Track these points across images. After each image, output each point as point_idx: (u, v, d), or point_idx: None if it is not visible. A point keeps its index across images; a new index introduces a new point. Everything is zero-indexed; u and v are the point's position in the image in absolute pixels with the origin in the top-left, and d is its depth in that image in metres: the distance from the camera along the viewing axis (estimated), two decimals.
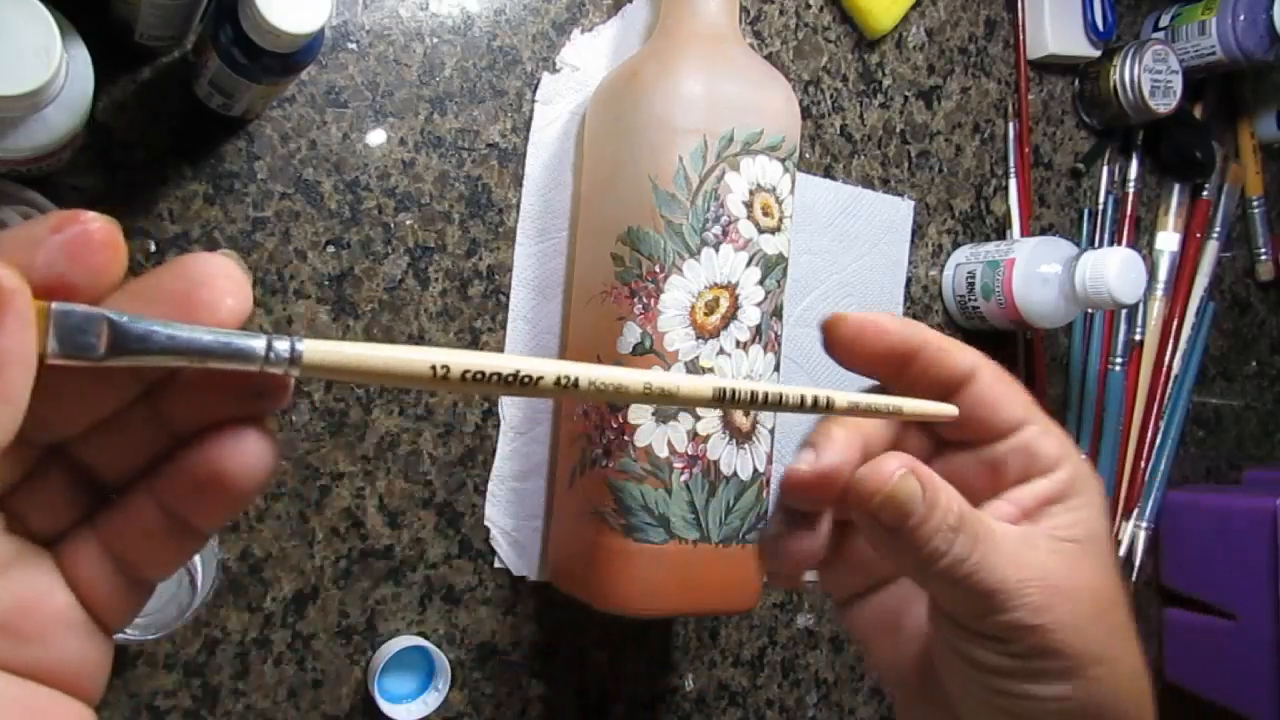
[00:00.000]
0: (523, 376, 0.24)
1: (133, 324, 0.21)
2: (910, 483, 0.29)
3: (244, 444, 0.23)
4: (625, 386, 0.26)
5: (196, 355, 0.22)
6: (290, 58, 0.45)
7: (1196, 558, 0.82)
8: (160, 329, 0.21)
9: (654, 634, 0.64)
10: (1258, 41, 0.77)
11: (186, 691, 0.52)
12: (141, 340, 0.21)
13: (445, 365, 0.23)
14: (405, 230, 0.57)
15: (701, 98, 0.53)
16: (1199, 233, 0.86)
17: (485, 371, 0.24)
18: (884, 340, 0.30)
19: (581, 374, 0.25)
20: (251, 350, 0.22)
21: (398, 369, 0.23)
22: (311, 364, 0.22)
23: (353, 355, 0.23)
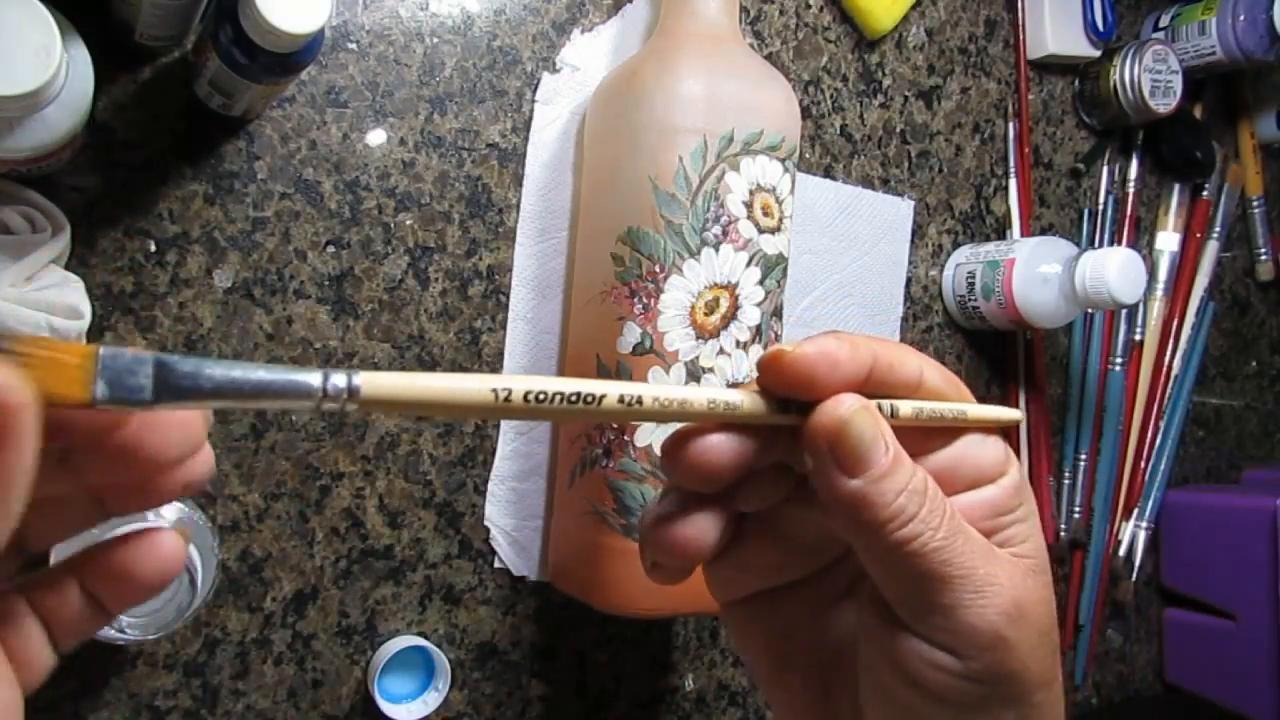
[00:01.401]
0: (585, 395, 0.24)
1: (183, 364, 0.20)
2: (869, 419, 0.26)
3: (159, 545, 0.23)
4: (690, 402, 0.25)
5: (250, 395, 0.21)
6: (290, 58, 0.45)
7: (1196, 558, 0.82)
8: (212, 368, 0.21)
9: (654, 634, 0.65)
10: (1258, 41, 0.77)
11: (186, 691, 0.52)
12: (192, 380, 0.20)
13: (507, 389, 0.23)
14: (405, 230, 0.57)
15: (701, 98, 0.53)
16: (1199, 233, 0.86)
17: (548, 392, 0.23)
18: (838, 373, 0.27)
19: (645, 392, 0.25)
20: (307, 387, 0.21)
21: (459, 398, 0.22)
22: (369, 398, 0.22)
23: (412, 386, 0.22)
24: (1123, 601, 0.83)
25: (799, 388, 0.27)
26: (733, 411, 0.26)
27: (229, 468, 0.53)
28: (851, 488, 0.26)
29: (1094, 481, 0.81)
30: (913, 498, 0.26)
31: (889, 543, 0.26)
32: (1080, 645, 0.82)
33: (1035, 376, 0.78)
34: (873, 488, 0.26)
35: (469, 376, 0.23)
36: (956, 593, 0.26)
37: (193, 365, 0.20)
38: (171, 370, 0.20)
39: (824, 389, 0.27)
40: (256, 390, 0.21)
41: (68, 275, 0.46)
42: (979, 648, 0.27)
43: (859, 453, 0.26)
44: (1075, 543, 0.81)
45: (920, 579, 0.27)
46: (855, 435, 0.26)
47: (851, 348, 0.27)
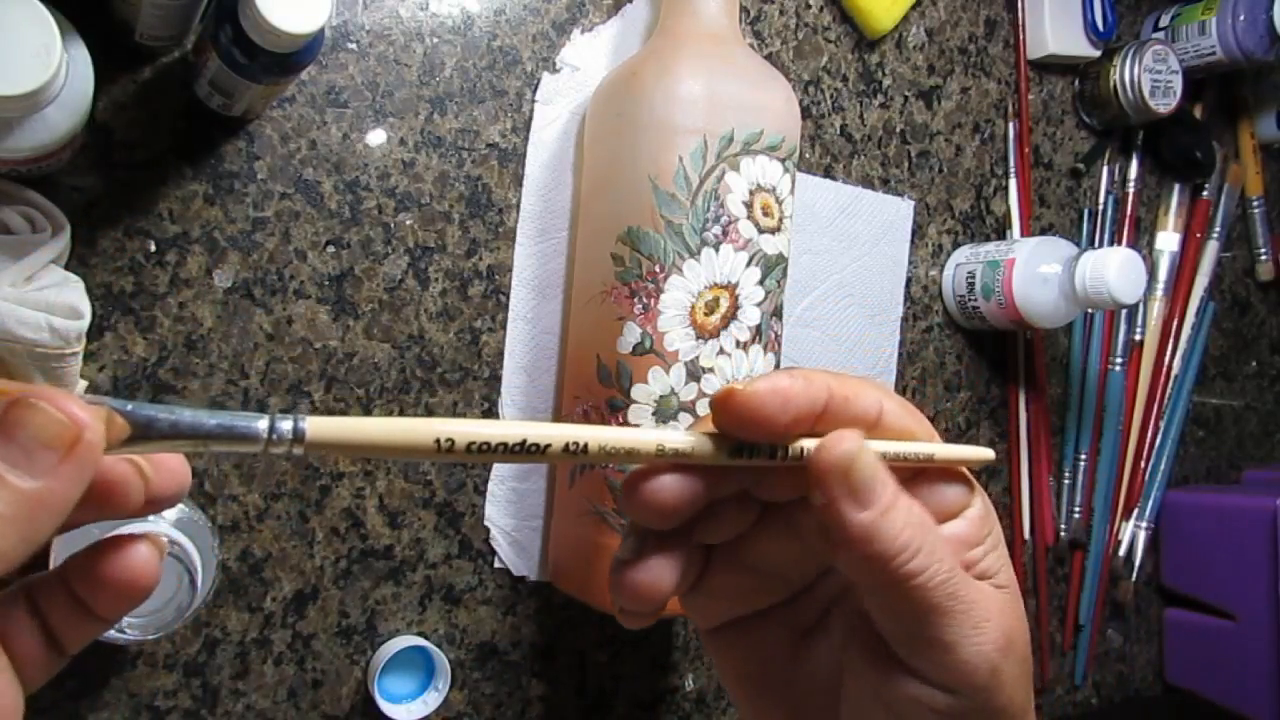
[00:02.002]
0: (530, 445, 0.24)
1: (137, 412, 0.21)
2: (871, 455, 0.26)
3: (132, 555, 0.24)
4: (638, 448, 0.25)
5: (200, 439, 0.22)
6: (290, 58, 0.45)
7: (1196, 558, 0.82)
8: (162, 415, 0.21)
9: (654, 634, 0.65)
10: (1258, 41, 0.77)
11: (186, 691, 0.52)
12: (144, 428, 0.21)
13: (450, 438, 0.23)
14: (405, 230, 0.57)
15: (701, 98, 0.53)
16: (1199, 233, 0.86)
17: (491, 442, 0.23)
18: (790, 410, 0.26)
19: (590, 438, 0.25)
20: (255, 432, 0.22)
21: (401, 442, 0.23)
22: (315, 441, 0.23)
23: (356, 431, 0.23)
24: (1123, 601, 0.83)
25: (752, 426, 0.26)
26: (683, 456, 0.26)
27: (229, 468, 0.53)
28: (863, 520, 0.26)
29: (1094, 481, 0.81)
30: (917, 531, 0.27)
31: (898, 575, 0.26)
32: (1080, 645, 0.82)
33: (1035, 376, 0.78)
34: (882, 520, 0.26)
35: (416, 422, 0.23)
36: (959, 628, 0.27)
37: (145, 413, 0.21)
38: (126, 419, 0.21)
39: (776, 427, 0.26)
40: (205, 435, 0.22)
41: (68, 275, 0.46)
42: (974, 686, 0.27)
43: (868, 486, 0.26)
44: (1075, 543, 0.81)
45: (924, 613, 0.27)
46: (865, 466, 0.26)
47: (805, 384, 0.27)
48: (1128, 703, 0.85)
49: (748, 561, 0.30)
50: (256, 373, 0.53)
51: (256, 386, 0.53)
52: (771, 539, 0.30)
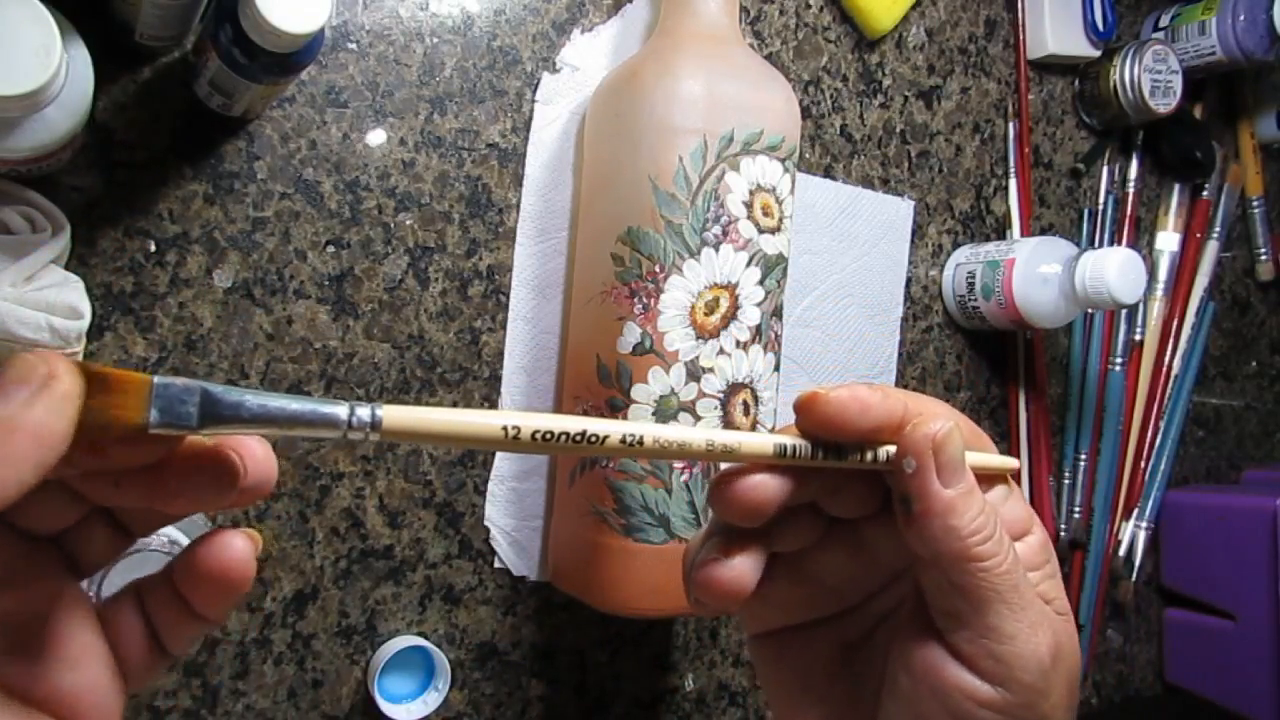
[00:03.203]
0: (590, 435, 0.25)
1: (226, 394, 0.22)
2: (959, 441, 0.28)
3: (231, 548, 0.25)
4: (689, 444, 0.27)
5: (284, 423, 0.23)
6: (290, 58, 0.45)
7: (1196, 558, 0.82)
8: (251, 399, 0.23)
9: (654, 634, 0.65)
10: (1258, 41, 0.77)
11: (186, 691, 0.52)
12: (234, 409, 0.22)
13: (516, 427, 0.25)
14: (405, 230, 0.57)
15: (701, 98, 0.53)
16: (1199, 233, 0.86)
17: (554, 431, 0.25)
18: (868, 417, 0.28)
19: (646, 432, 0.26)
20: (335, 417, 0.23)
21: (471, 432, 0.25)
22: (391, 429, 0.24)
23: (429, 420, 0.24)
24: (1123, 601, 0.83)
25: (830, 428, 0.28)
26: (730, 453, 0.27)
27: None
28: (948, 494, 0.28)
29: (1094, 481, 0.81)
30: (990, 520, 0.28)
31: (970, 554, 0.28)
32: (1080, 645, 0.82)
33: (1035, 376, 0.78)
34: (963, 500, 0.28)
35: (483, 414, 0.25)
36: (1016, 620, 0.28)
37: (235, 396, 0.22)
38: (216, 400, 0.22)
39: (855, 432, 0.28)
40: (290, 420, 0.23)
41: (68, 275, 0.46)
42: (1022, 684, 0.28)
43: (956, 465, 0.28)
44: (1075, 543, 0.81)
45: (987, 597, 0.28)
46: (955, 447, 0.28)
47: (883, 396, 0.29)
48: (1128, 703, 0.85)
49: (808, 573, 0.32)
50: (256, 373, 0.53)
51: (256, 386, 0.53)
52: (833, 554, 0.31)
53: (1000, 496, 0.31)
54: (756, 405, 0.55)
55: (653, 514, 0.53)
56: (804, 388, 0.68)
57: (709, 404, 0.53)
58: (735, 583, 0.29)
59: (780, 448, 0.28)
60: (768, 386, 0.56)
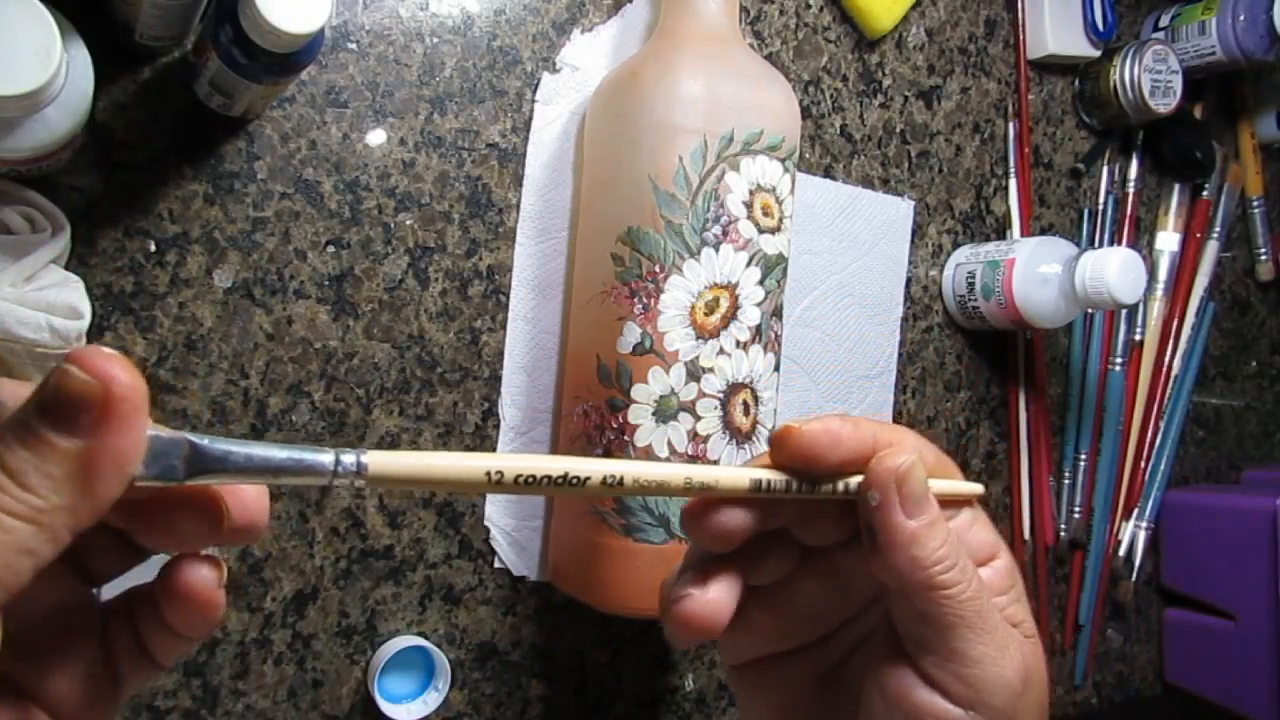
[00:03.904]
0: (571, 477, 0.26)
1: (212, 446, 0.23)
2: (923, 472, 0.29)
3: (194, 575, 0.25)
4: (667, 482, 0.28)
5: (270, 473, 0.23)
6: (290, 58, 0.45)
7: (1196, 558, 0.82)
8: (237, 449, 0.23)
9: (654, 634, 0.65)
10: (1258, 41, 0.77)
11: (186, 691, 0.52)
12: (220, 461, 0.23)
13: (500, 471, 0.25)
14: (405, 230, 0.57)
15: (701, 98, 0.53)
16: (1199, 233, 0.86)
17: (536, 474, 0.26)
18: (839, 450, 0.29)
19: (626, 472, 0.27)
20: (321, 465, 0.24)
21: (455, 476, 0.25)
22: (376, 475, 0.24)
23: (413, 466, 0.25)
24: (1123, 601, 0.83)
25: (805, 462, 0.29)
26: (709, 489, 0.28)
27: None
28: (911, 526, 0.29)
29: (1094, 481, 0.81)
30: (953, 550, 0.29)
31: (934, 583, 0.29)
32: (1080, 645, 0.82)
33: (1035, 376, 0.78)
34: (926, 530, 0.29)
35: (468, 457, 0.25)
36: (983, 645, 0.29)
37: (220, 448, 0.23)
38: (202, 453, 0.23)
39: (828, 464, 0.29)
40: (275, 470, 0.23)
41: (68, 275, 0.46)
42: (993, 707, 0.29)
43: (918, 496, 0.29)
44: (1075, 543, 0.81)
45: (953, 624, 0.29)
46: (916, 481, 0.29)
47: (854, 427, 0.30)
48: (1128, 703, 0.85)
49: (785, 603, 0.32)
50: (256, 373, 0.53)
51: (256, 386, 0.53)
52: (809, 583, 0.32)
53: (966, 522, 0.32)
54: (756, 405, 0.55)
55: (653, 514, 0.53)
56: (804, 388, 0.69)
57: (709, 404, 0.53)
58: (712, 615, 0.30)
59: (756, 482, 0.29)
60: (768, 386, 0.56)
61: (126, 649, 0.26)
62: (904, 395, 0.73)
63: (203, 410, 0.52)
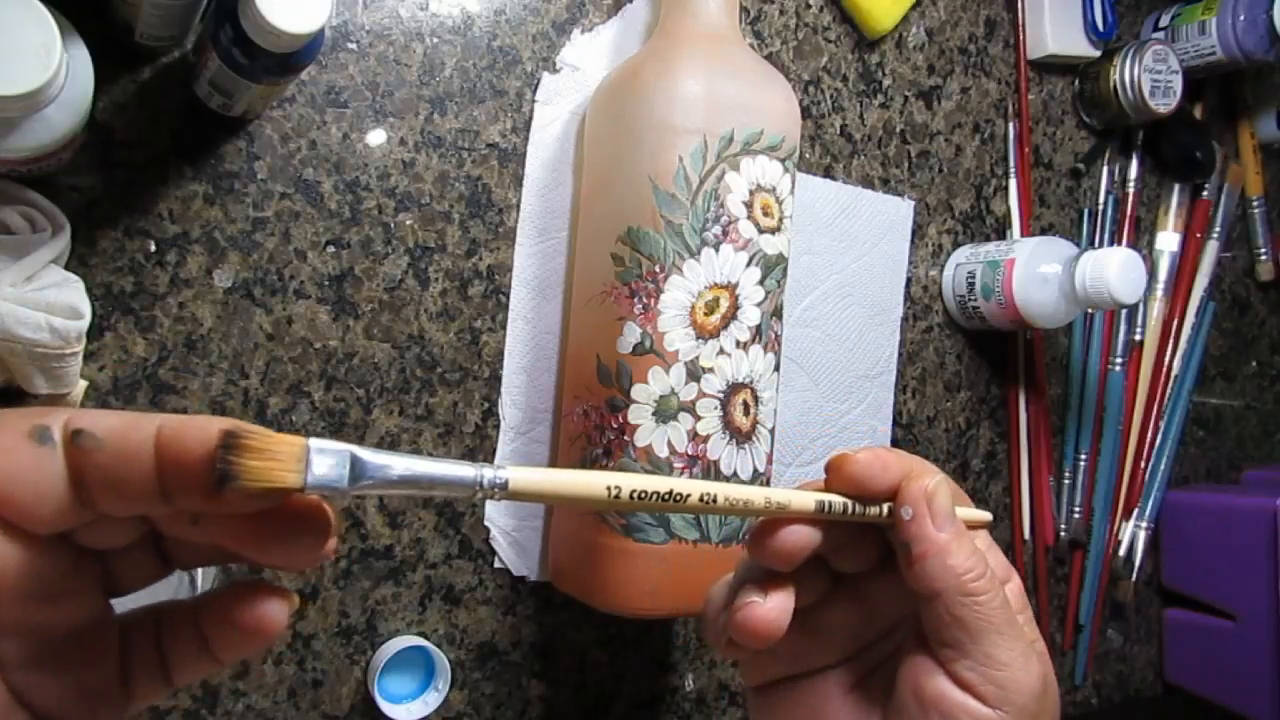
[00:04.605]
0: (675, 494, 0.29)
1: (374, 458, 0.24)
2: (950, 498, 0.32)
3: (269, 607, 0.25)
4: (751, 501, 0.31)
5: (425, 484, 0.25)
6: (290, 58, 0.45)
7: (1196, 558, 0.82)
8: (398, 463, 0.24)
9: (654, 634, 0.65)
10: (1258, 41, 0.77)
11: (186, 691, 0.52)
12: (380, 471, 0.24)
13: (617, 487, 0.28)
14: (405, 230, 0.57)
15: (701, 98, 0.53)
16: (1199, 233, 0.86)
17: (646, 490, 0.29)
18: (889, 475, 0.32)
19: (720, 492, 0.30)
20: (469, 480, 0.25)
21: (582, 493, 0.28)
22: (516, 490, 0.26)
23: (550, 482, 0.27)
24: (1123, 601, 0.83)
25: (855, 484, 0.32)
26: (784, 509, 0.31)
27: None
28: (942, 537, 0.32)
29: (1094, 481, 0.81)
30: (980, 560, 0.32)
31: (966, 589, 0.31)
32: (1080, 645, 0.82)
33: (1035, 376, 0.78)
34: (955, 541, 0.32)
35: (592, 475, 0.28)
36: (1010, 650, 0.31)
37: (382, 459, 0.24)
38: (364, 464, 0.24)
39: (876, 488, 0.32)
40: (430, 480, 0.25)
41: (68, 275, 0.46)
42: (1019, 707, 0.31)
43: (947, 512, 0.32)
44: (1075, 543, 0.81)
45: (984, 629, 0.31)
46: (944, 497, 0.32)
47: (896, 458, 0.33)
48: (1128, 703, 0.85)
49: (814, 625, 0.35)
50: (256, 373, 0.53)
51: (256, 386, 0.53)
52: (838, 606, 0.35)
53: (983, 545, 0.34)
54: (756, 405, 0.55)
55: (652, 514, 0.53)
56: (804, 388, 0.69)
57: (709, 404, 0.53)
58: (775, 620, 0.32)
59: (820, 504, 0.32)
60: (768, 386, 0.56)
61: (143, 665, 0.26)
62: (904, 395, 0.73)
63: (203, 410, 0.52)
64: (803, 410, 0.69)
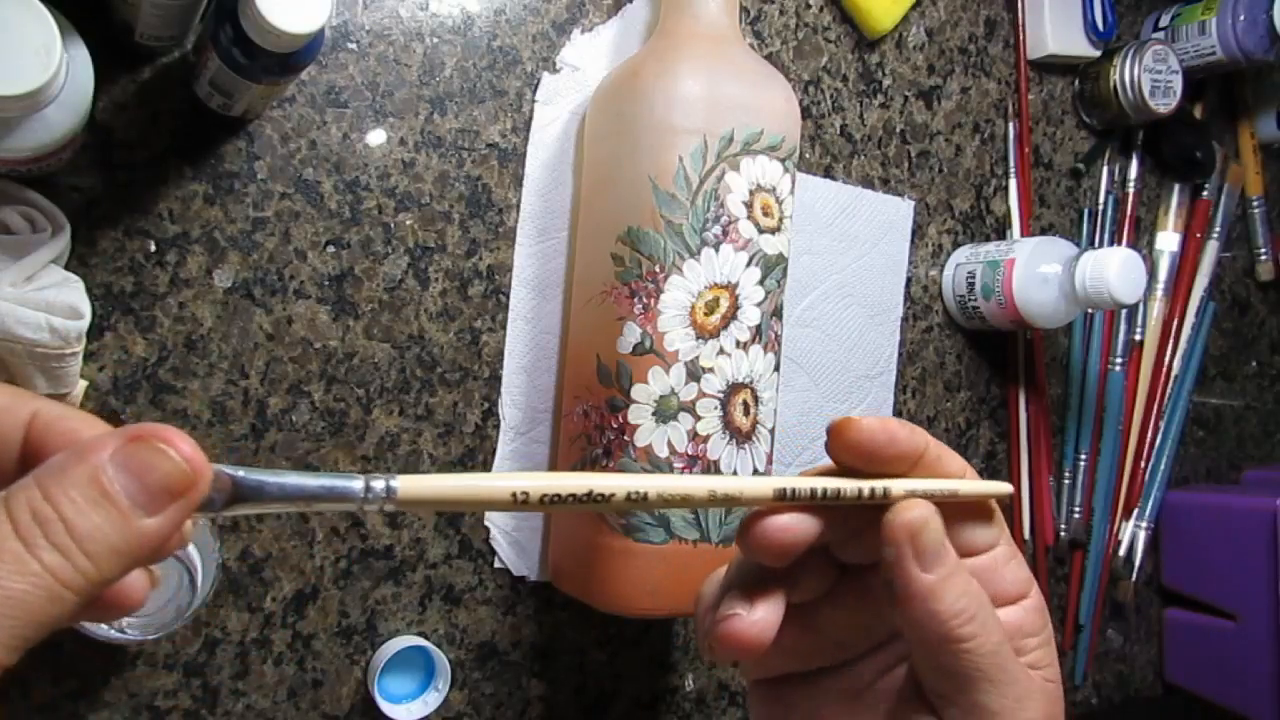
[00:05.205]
0: (596, 494, 0.26)
1: (249, 478, 0.23)
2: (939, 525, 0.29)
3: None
4: (691, 495, 0.28)
5: (303, 500, 0.24)
6: (290, 58, 0.45)
7: (1196, 558, 0.82)
8: (271, 479, 0.24)
9: (654, 634, 0.65)
10: (1258, 41, 0.77)
11: (186, 691, 0.52)
12: (256, 491, 0.23)
13: (525, 491, 0.26)
14: (405, 230, 0.57)
15: (701, 98, 0.53)
16: (1199, 233, 0.86)
17: (561, 493, 0.26)
18: (894, 448, 0.30)
19: (650, 487, 0.27)
20: (352, 491, 0.24)
21: (482, 497, 0.25)
22: (405, 499, 0.25)
23: (441, 488, 0.25)
24: (1123, 601, 0.83)
25: (856, 452, 0.30)
26: (733, 500, 0.28)
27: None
28: (927, 580, 0.29)
29: (1094, 481, 0.81)
30: (972, 601, 0.29)
31: (951, 635, 0.29)
32: (1080, 645, 0.82)
33: (1035, 376, 0.78)
34: (943, 584, 0.29)
35: (495, 478, 0.26)
36: (1002, 697, 0.29)
37: (256, 478, 0.23)
38: (239, 484, 0.23)
39: (880, 458, 0.30)
40: (310, 495, 0.24)
41: (68, 275, 0.46)
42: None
43: (934, 550, 0.29)
44: (1075, 543, 0.81)
45: (972, 677, 0.29)
46: (932, 533, 0.29)
47: (909, 431, 0.30)
48: (1128, 703, 0.85)
49: (816, 622, 0.32)
50: (256, 373, 0.53)
51: (256, 386, 0.53)
52: (842, 603, 0.32)
53: (1002, 558, 0.32)
54: (757, 405, 0.55)
55: (652, 514, 0.53)
56: (804, 388, 0.69)
57: (709, 404, 0.53)
58: (759, 636, 0.30)
59: (780, 491, 0.29)
60: (768, 386, 0.56)
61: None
62: (904, 395, 0.73)
63: (203, 410, 0.52)
64: (803, 410, 0.69)
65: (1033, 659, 0.31)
